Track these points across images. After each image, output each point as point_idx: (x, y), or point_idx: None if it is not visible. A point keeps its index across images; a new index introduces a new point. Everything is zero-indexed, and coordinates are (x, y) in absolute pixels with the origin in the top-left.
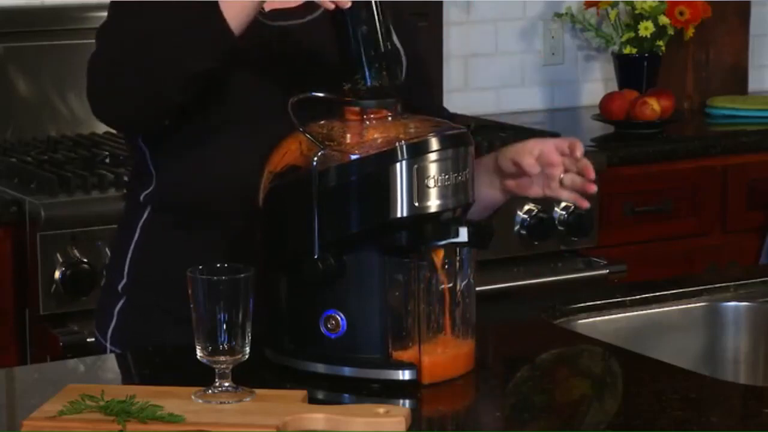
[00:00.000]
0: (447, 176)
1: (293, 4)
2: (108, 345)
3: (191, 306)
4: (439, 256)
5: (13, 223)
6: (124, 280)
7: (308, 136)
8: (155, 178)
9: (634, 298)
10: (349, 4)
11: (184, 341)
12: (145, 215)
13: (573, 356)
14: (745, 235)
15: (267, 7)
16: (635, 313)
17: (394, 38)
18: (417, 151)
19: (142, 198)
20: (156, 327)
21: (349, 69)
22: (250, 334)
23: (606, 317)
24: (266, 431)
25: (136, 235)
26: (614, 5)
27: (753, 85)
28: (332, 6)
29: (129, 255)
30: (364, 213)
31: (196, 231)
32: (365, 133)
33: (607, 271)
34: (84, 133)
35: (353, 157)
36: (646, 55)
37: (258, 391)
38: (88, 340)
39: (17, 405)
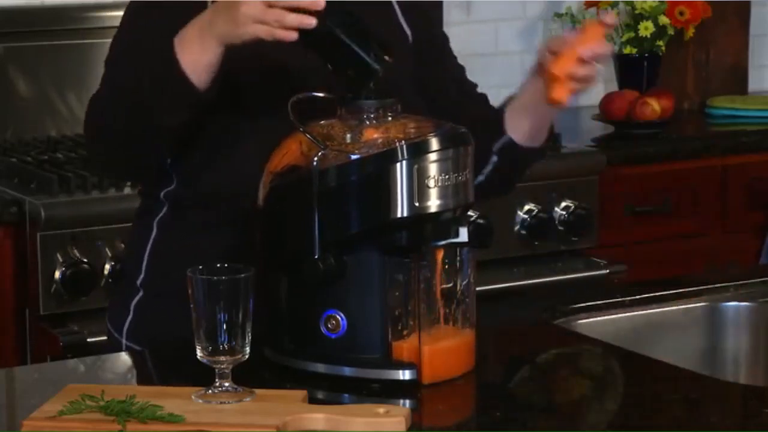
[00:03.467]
0: (447, 176)
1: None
2: (124, 340)
3: (191, 306)
4: (439, 256)
5: (13, 223)
6: (142, 275)
7: (308, 136)
8: (175, 178)
9: (634, 298)
10: (313, 23)
11: None
12: (162, 212)
13: (573, 356)
14: (745, 235)
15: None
16: (635, 313)
17: (400, 19)
18: (417, 151)
19: (162, 195)
20: (173, 321)
21: (345, 74)
22: (250, 334)
23: (606, 317)
24: (266, 431)
25: (154, 231)
26: (614, 5)
27: (753, 85)
28: (295, 36)
29: (147, 250)
30: (364, 213)
31: (216, 228)
32: (365, 133)
33: (607, 271)
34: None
35: (353, 157)
36: (646, 55)
37: (258, 391)
38: (88, 340)
39: (17, 405)
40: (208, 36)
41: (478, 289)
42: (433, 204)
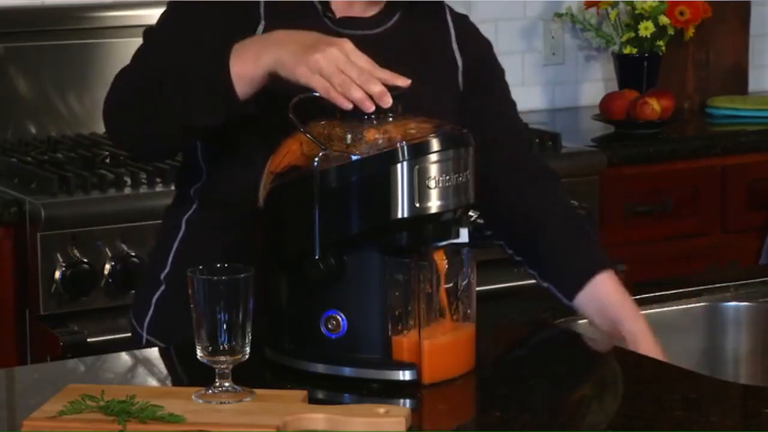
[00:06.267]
0: (448, 177)
1: (365, 15)
2: (144, 335)
3: (191, 306)
4: (439, 257)
5: (13, 223)
6: (167, 270)
7: (309, 136)
8: (205, 173)
9: (634, 298)
10: (372, 109)
11: None
12: (191, 210)
13: (573, 356)
14: (745, 235)
15: (338, 14)
16: None
17: (454, 46)
18: (418, 152)
19: (192, 192)
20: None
21: None
22: (250, 334)
23: None
24: (266, 431)
25: (182, 229)
26: (614, 5)
27: (753, 85)
28: (349, 106)
29: (174, 246)
30: (364, 213)
31: (243, 229)
32: (366, 134)
33: None
34: (84, 133)
35: (354, 157)
36: (646, 55)
37: (258, 391)
38: (88, 340)
39: (17, 405)
40: (267, 54)
41: (478, 289)
42: (434, 205)
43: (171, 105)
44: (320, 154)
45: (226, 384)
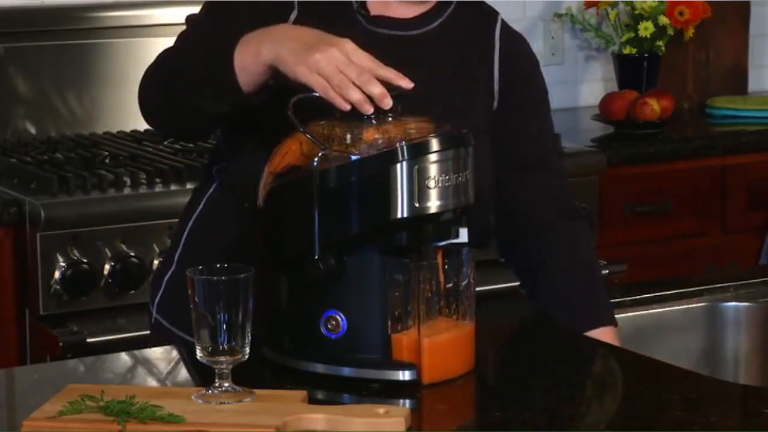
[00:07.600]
0: (447, 177)
1: (402, 15)
2: (154, 314)
3: (191, 306)
4: (439, 257)
5: (13, 223)
6: (180, 249)
7: (309, 136)
8: (227, 155)
9: (634, 298)
10: (371, 111)
11: None
12: (212, 189)
13: (573, 356)
14: (745, 235)
15: (373, 12)
16: (635, 313)
17: (495, 58)
18: (417, 152)
19: (214, 171)
20: None
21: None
22: (250, 334)
23: None
24: (266, 431)
25: (200, 207)
26: (614, 5)
27: (753, 85)
28: (347, 107)
29: (189, 224)
30: (364, 213)
31: (253, 217)
32: (366, 134)
33: (607, 271)
34: (84, 133)
35: (354, 157)
36: (646, 55)
37: (258, 391)
38: (88, 340)
39: (17, 405)
40: (266, 49)
41: (478, 289)
42: (434, 204)
43: (183, 90)
44: (320, 154)
45: (226, 384)
